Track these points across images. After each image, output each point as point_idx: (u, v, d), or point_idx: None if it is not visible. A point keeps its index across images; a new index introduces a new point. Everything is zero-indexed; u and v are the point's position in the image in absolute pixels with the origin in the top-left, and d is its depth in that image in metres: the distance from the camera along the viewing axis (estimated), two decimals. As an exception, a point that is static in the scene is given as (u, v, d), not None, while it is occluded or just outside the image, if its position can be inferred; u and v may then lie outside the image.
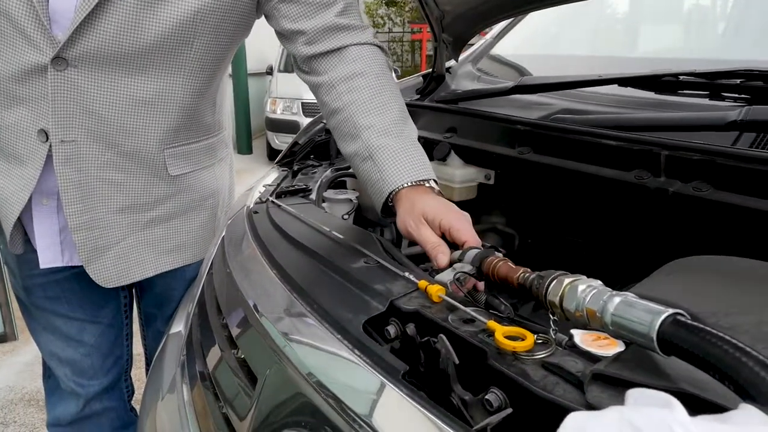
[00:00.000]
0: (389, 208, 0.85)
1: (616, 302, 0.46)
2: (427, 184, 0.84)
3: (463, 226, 0.76)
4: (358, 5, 0.98)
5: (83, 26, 0.84)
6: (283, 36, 0.99)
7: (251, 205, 1.00)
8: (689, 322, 0.40)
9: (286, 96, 6.50)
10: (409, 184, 0.82)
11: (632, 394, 0.34)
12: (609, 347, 0.56)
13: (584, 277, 0.52)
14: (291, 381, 0.57)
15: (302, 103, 6.29)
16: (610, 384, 0.45)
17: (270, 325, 0.64)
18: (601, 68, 1.09)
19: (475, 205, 1.13)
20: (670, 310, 0.42)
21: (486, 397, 0.50)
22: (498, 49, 1.58)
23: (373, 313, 0.60)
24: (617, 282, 0.89)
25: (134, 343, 1.30)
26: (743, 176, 0.73)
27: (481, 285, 0.72)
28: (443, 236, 0.77)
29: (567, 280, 0.52)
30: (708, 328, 0.39)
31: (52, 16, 0.85)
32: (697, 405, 0.40)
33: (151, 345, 1.29)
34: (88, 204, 0.97)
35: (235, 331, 0.71)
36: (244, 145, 7.35)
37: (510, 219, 1.17)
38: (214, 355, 0.75)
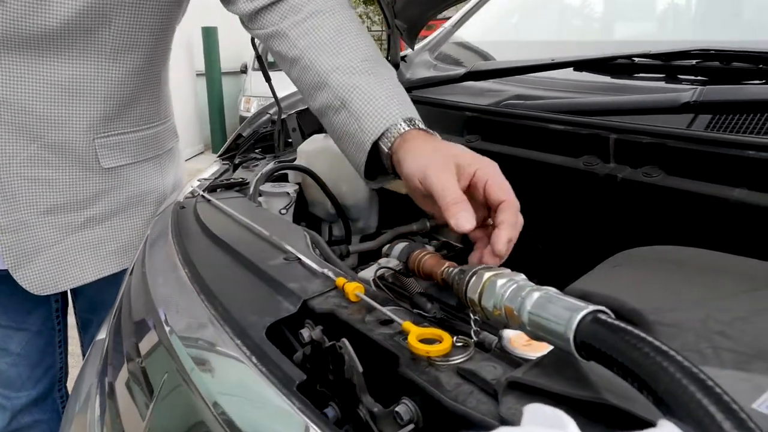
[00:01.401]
0: (378, 168, 0.68)
1: (534, 298, 0.40)
2: (414, 126, 0.66)
3: (504, 182, 0.58)
4: None
5: None
6: None
7: (181, 200, 0.92)
8: (610, 320, 0.34)
9: (261, 94, 6.40)
10: (403, 122, 0.65)
11: (528, 410, 0.28)
12: (541, 349, 0.50)
13: (508, 270, 0.46)
14: (182, 392, 0.50)
15: (277, 101, 6.20)
16: (528, 393, 0.39)
17: (168, 329, 0.57)
18: (569, 53, 1.03)
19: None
20: (591, 307, 0.36)
21: (396, 409, 0.44)
22: (467, 37, 1.51)
23: (283, 315, 0.54)
24: (573, 277, 0.83)
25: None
26: (696, 160, 0.68)
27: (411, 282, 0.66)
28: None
29: (487, 275, 0.45)
30: (629, 328, 0.33)
31: None
32: (620, 419, 0.34)
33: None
34: (12, 204, 0.89)
35: (140, 339, 0.64)
36: (218, 145, 7.23)
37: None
38: (121, 365, 0.68)
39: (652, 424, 0.32)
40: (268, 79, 1.12)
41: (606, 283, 0.53)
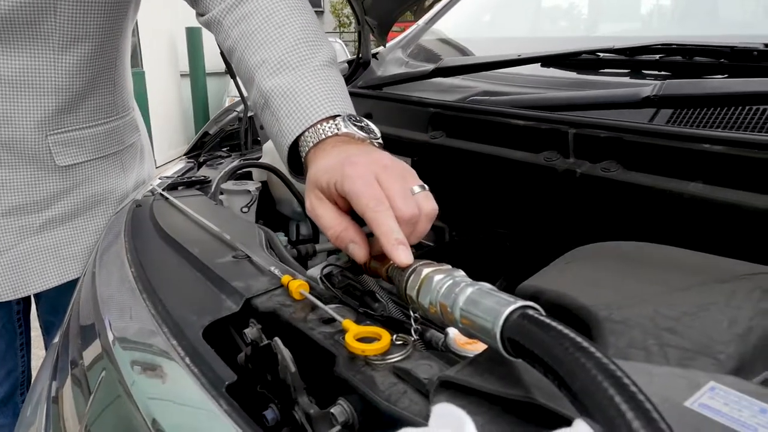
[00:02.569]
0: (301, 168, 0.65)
1: (467, 294, 0.38)
2: (331, 130, 0.60)
3: (358, 191, 0.50)
4: None
5: None
6: None
7: (139, 198, 0.90)
8: (536, 316, 0.33)
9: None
10: (324, 123, 0.61)
11: (436, 411, 0.26)
12: (483, 348, 0.49)
13: (448, 267, 0.45)
14: (116, 395, 0.48)
15: (261, 101, 6.15)
16: (461, 393, 0.37)
17: (109, 332, 0.55)
18: (544, 49, 1.02)
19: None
20: (519, 303, 0.34)
21: (331, 410, 0.42)
22: (450, 32, 1.49)
23: (224, 314, 0.52)
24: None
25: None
26: (653, 154, 0.67)
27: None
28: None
29: (426, 271, 0.44)
30: (552, 324, 0.31)
31: None
32: (551, 418, 0.33)
33: (53, 355, 1.18)
34: None
35: (84, 342, 0.62)
36: (204, 146, 7.18)
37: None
38: (67, 369, 0.66)
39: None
40: (233, 75, 1.10)
41: (558, 279, 0.52)
